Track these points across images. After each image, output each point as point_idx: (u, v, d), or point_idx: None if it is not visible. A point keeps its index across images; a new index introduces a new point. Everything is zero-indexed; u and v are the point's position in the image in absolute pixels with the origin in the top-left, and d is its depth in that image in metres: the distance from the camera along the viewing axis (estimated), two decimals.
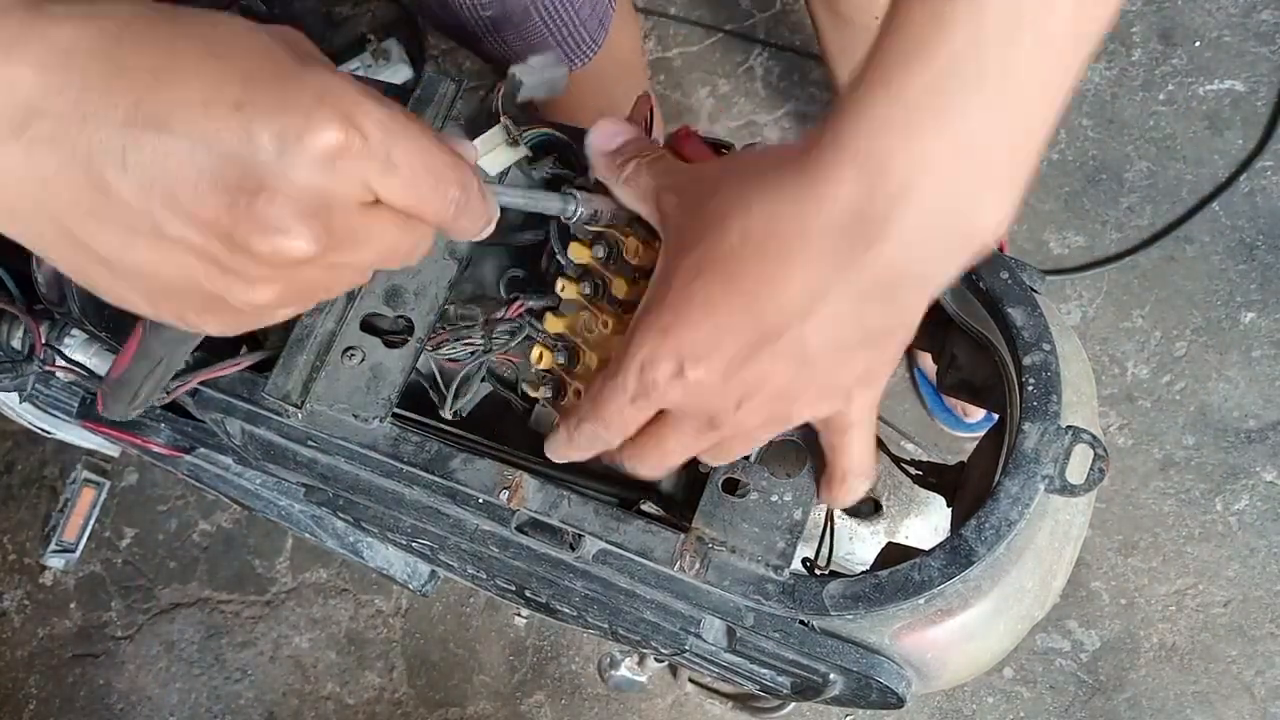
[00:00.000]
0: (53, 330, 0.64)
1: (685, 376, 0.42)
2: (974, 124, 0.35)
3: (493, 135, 0.57)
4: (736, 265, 0.40)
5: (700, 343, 0.42)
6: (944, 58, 0.34)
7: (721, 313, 0.41)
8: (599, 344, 0.54)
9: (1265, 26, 1.45)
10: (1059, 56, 0.35)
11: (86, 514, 1.48)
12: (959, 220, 0.37)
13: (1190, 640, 1.29)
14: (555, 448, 0.51)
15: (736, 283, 0.40)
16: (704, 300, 0.41)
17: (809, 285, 0.39)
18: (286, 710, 1.43)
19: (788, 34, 1.56)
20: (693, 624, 0.57)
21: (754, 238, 0.39)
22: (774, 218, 0.39)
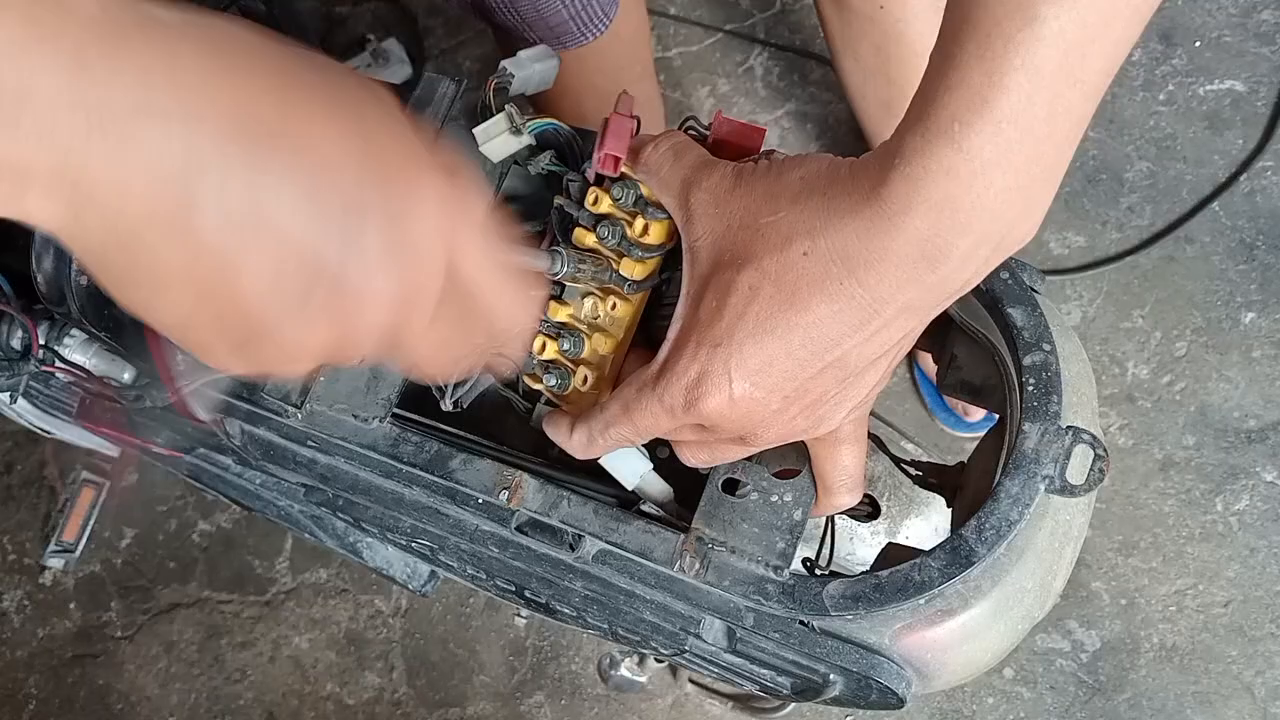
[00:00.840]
0: (52, 330, 0.64)
1: (734, 397, 0.43)
2: (1024, 162, 0.38)
3: (495, 123, 0.56)
4: (797, 284, 0.41)
5: (752, 362, 0.43)
6: (1004, 112, 0.37)
7: (779, 333, 0.42)
8: (608, 325, 0.53)
9: (1265, 26, 1.45)
10: (1095, 94, 0.39)
11: (86, 514, 1.48)
12: (1005, 239, 0.40)
13: (1190, 640, 1.29)
14: (577, 447, 0.51)
15: (797, 302, 0.41)
16: (758, 319, 0.42)
17: (869, 303, 0.41)
18: (286, 710, 1.43)
19: (788, 34, 1.56)
20: (693, 624, 0.57)
21: (820, 263, 0.41)
22: (844, 248, 0.41)
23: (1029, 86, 0.37)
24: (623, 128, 0.51)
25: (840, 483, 0.52)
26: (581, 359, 0.53)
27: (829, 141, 1.51)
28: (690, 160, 0.48)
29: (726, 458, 0.50)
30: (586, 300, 0.53)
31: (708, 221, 0.46)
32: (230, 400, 0.62)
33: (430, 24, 1.65)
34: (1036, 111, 0.37)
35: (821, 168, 0.43)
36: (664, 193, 0.48)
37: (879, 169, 0.40)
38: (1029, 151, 0.38)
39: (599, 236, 0.52)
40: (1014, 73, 0.37)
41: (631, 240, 0.51)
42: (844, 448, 0.51)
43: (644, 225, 0.51)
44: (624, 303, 0.52)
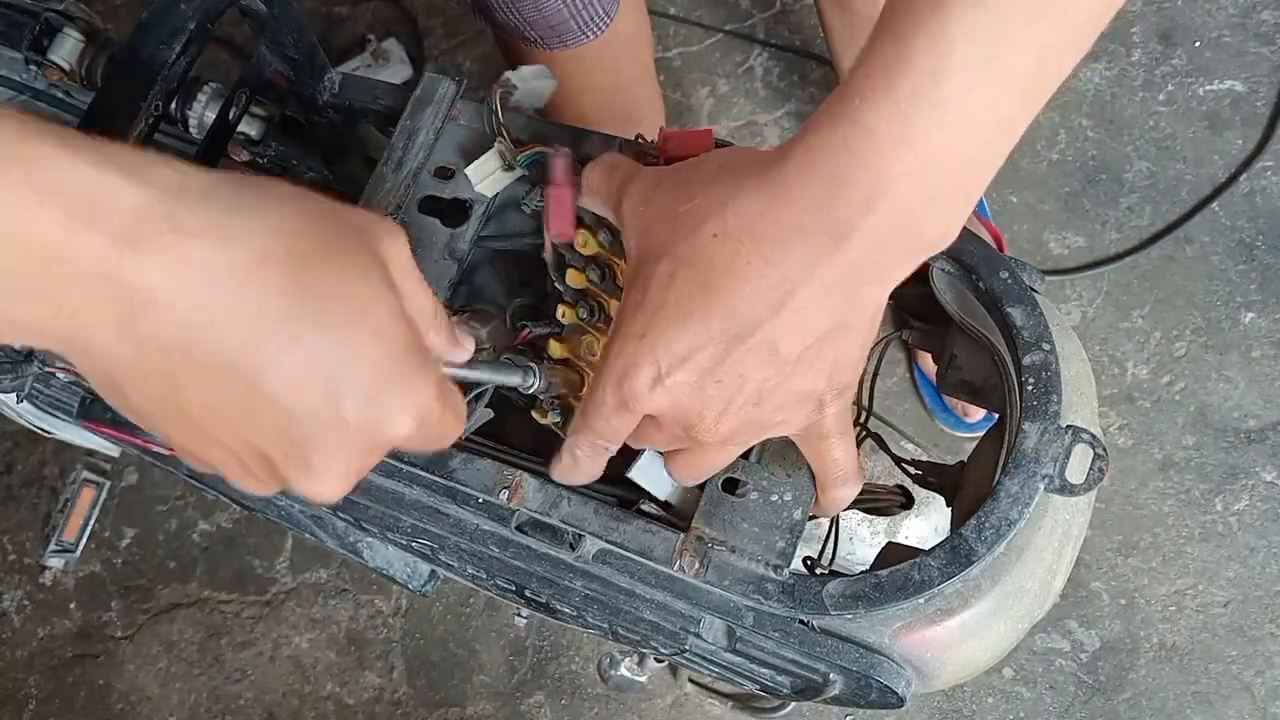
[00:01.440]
0: None
1: (664, 383, 0.43)
2: (929, 150, 0.38)
3: (488, 160, 0.57)
4: (710, 266, 0.42)
5: (677, 348, 0.43)
6: (906, 89, 0.37)
7: (697, 315, 0.42)
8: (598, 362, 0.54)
9: (1265, 26, 1.45)
10: (1018, 95, 0.38)
11: (86, 514, 1.48)
12: (912, 230, 0.40)
13: (1190, 640, 1.29)
14: (563, 473, 0.51)
15: (711, 283, 0.42)
16: (678, 304, 0.42)
17: (780, 281, 0.41)
18: (286, 710, 1.43)
19: (788, 34, 1.56)
20: (692, 624, 0.57)
21: (728, 238, 0.41)
22: (749, 224, 0.41)
23: (931, 72, 0.37)
24: (563, 202, 0.51)
25: (834, 477, 0.52)
26: (580, 396, 0.54)
27: None
28: (622, 172, 0.48)
29: (706, 463, 0.50)
30: (584, 338, 0.54)
31: (635, 222, 0.46)
32: None
33: (430, 24, 1.65)
34: (942, 98, 0.37)
35: (737, 153, 0.44)
36: (604, 209, 0.49)
37: (785, 146, 0.41)
38: (934, 139, 0.38)
39: (589, 279, 0.53)
40: (918, 55, 0.37)
41: (619, 285, 0.52)
42: (831, 441, 0.51)
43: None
44: None
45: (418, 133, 0.60)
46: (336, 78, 0.66)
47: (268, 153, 0.70)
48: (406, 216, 0.59)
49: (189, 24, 0.51)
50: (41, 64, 0.63)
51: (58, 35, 0.63)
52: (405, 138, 0.60)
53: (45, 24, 0.63)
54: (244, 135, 0.68)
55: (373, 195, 0.59)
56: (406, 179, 0.59)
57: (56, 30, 0.63)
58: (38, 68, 0.64)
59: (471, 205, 0.59)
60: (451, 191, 0.60)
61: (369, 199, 0.59)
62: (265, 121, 0.69)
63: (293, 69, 0.65)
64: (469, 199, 0.60)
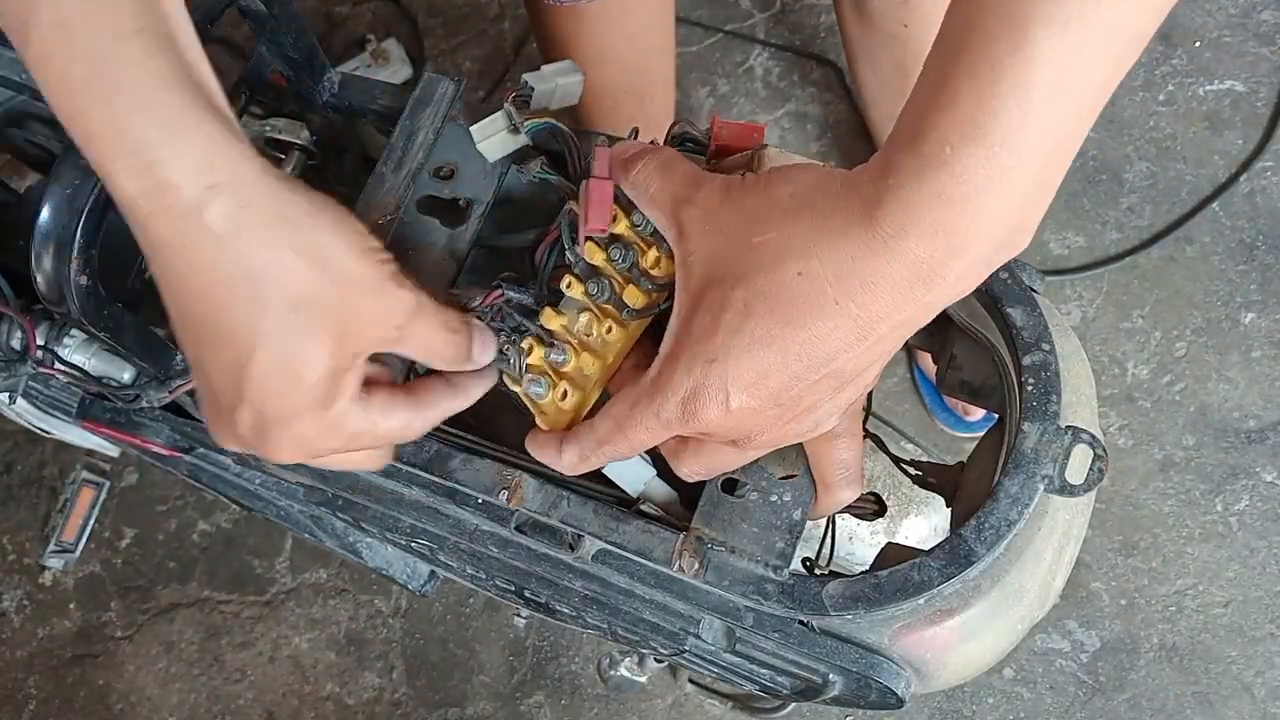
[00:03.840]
0: (52, 331, 0.64)
1: (730, 410, 0.44)
2: (1018, 183, 0.38)
3: (493, 121, 0.56)
4: (792, 303, 0.42)
5: (749, 375, 0.43)
6: (997, 138, 0.37)
7: (775, 348, 0.42)
8: (599, 348, 0.52)
9: (1265, 27, 1.45)
10: (1091, 112, 0.39)
11: (86, 514, 1.48)
12: (997, 255, 0.41)
13: (1190, 641, 1.29)
14: (568, 466, 0.51)
15: (792, 319, 0.42)
16: (753, 334, 0.42)
17: (864, 322, 0.41)
18: (286, 710, 1.43)
19: (788, 34, 1.56)
20: (692, 624, 0.57)
21: (813, 279, 0.41)
22: (839, 267, 0.41)
23: (1020, 111, 0.37)
24: (603, 196, 0.50)
25: (839, 477, 0.52)
26: (565, 373, 0.52)
27: (829, 141, 1.51)
28: (679, 176, 0.47)
29: (721, 466, 0.50)
30: (582, 315, 0.51)
31: (699, 238, 0.46)
32: None
33: (430, 24, 1.65)
34: (1030, 134, 0.37)
35: (812, 182, 0.43)
36: (653, 209, 0.48)
37: (872, 188, 0.40)
38: (1023, 173, 0.38)
39: (609, 257, 0.51)
40: (1004, 97, 0.37)
41: (642, 269, 0.50)
42: (840, 442, 0.51)
43: (657, 257, 0.50)
44: (619, 328, 0.51)
45: (417, 133, 0.60)
46: (336, 78, 0.66)
47: (267, 151, 0.70)
48: (406, 216, 0.59)
49: None
50: None
51: None
52: (405, 138, 0.60)
53: None
54: None
55: (372, 195, 0.59)
56: (406, 179, 0.59)
57: None
58: None
59: (471, 205, 0.59)
60: (451, 191, 0.60)
61: (368, 199, 0.59)
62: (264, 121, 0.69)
63: (292, 69, 0.65)
64: (469, 199, 0.60)
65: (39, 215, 0.51)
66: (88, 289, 0.53)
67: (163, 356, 0.62)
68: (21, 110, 0.74)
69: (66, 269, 0.52)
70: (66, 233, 0.51)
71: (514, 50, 1.60)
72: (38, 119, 0.75)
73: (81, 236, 0.51)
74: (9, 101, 0.73)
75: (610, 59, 1.03)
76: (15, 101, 0.74)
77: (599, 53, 1.02)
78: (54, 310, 0.55)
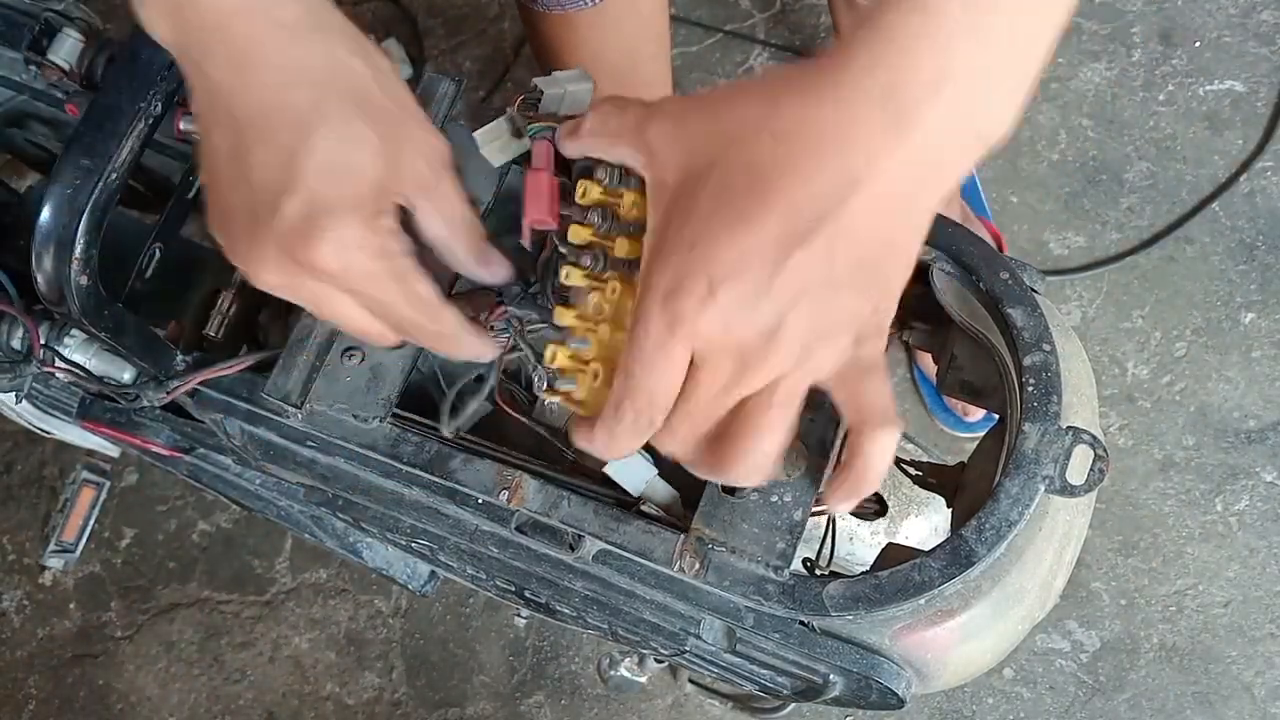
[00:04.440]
0: (52, 330, 0.64)
1: (716, 298, 0.40)
2: (995, 36, 0.38)
3: (496, 126, 0.56)
4: (767, 167, 0.40)
5: (730, 254, 0.40)
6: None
7: (754, 218, 0.40)
8: (613, 315, 0.50)
9: (1265, 27, 1.45)
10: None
11: (86, 514, 1.48)
12: (975, 122, 0.39)
13: (1190, 641, 1.29)
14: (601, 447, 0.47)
15: (769, 184, 0.40)
16: (731, 208, 0.40)
17: (842, 176, 0.39)
18: (286, 710, 1.43)
19: (788, 34, 1.56)
20: (692, 624, 0.57)
21: (786, 137, 0.40)
22: (810, 121, 0.39)
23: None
24: (539, 186, 0.50)
25: (877, 417, 0.47)
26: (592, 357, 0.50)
27: None
28: (634, 104, 0.46)
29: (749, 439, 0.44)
30: (591, 297, 0.50)
31: (670, 147, 0.44)
32: (230, 400, 0.62)
33: (430, 24, 1.65)
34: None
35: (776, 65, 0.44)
36: (616, 144, 0.47)
37: (839, 47, 0.40)
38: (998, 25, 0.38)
39: (592, 225, 0.50)
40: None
41: (624, 219, 0.49)
42: (874, 377, 0.46)
43: (634, 199, 0.49)
44: (625, 285, 0.50)
45: None
46: None
47: None
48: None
49: None
50: (41, 64, 0.63)
51: (57, 35, 0.63)
52: None
53: (45, 24, 0.63)
54: None
55: None
56: None
57: (56, 30, 0.63)
58: (37, 68, 0.64)
59: (473, 205, 0.59)
60: None
61: None
62: None
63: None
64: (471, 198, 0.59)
65: (39, 215, 0.51)
66: (88, 289, 0.53)
67: (163, 356, 0.62)
68: (21, 110, 0.74)
69: (67, 269, 0.52)
70: (67, 233, 0.51)
71: (514, 50, 1.60)
72: (38, 119, 0.75)
73: (82, 236, 0.51)
74: (9, 101, 0.73)
75: (605, 65, 1.03)
76: (15, 101, 0.74)
77: (593, 59, 1.01)
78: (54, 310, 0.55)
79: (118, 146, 0.51)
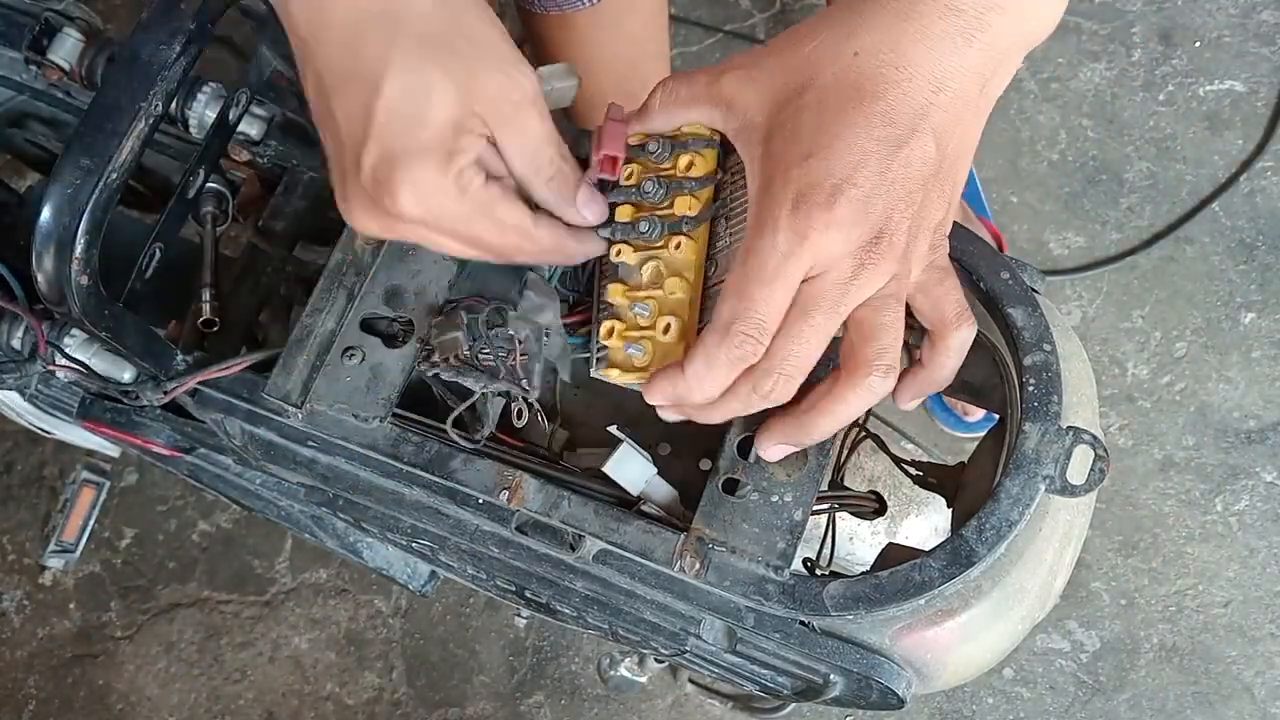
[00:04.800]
0: (52, 330, 0.64)
1: (838, 202, 0.43)
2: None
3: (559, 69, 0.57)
4: (860, 80, 0.44)
5: (846, 158, 0.44)
6: None
7: (859, 125, 0.44)
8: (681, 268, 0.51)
9: (1265, 27, 1.45)
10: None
11: (86, 514, 1.48)
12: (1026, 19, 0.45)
13: (1190, 641, 1.29)
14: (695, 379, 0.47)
15: (865, 93, 0.44)
16: (837, 120, 0.44)
17: (927, 79, 0.44)
18: (286, 710, 1.43)
19: None
20: (693, 624, 0.57)
21: (870, 53, 0.44)
22: (889, 35, 0.44)
23: None
24: (617, 130, 0.52)
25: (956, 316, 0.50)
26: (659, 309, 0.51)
27: None
28: (698, 72, 0.50)
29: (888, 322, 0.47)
30: (646, 267, 0.52)
31: (749, 90, 0.47)
32: (230, 400, 0.62)
33: None
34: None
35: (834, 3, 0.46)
36: (690, 109, 0.50)
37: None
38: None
39: (643, 194, 0.52)
40: None
41: (679, 178, 0.52)
42: (950, 279, 0.50)
43: (689, 160, 0.52)
44: (688, 241, 0.52)
45: None
46: None
47: (268, 153, 0.70)
48: None
49: (189, 24, 0.51)
50: (41, 64, 0.63)
51: (57, 35, 0.63)
52: None
53: (45, 24, 0.63)
54: (244, 135, 0.68)
55: None
56: None
57: (56, 30, 0.63)
58: (37, 68, 0.64)
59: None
60: None
61: None
62: (265, 121, 0.69)
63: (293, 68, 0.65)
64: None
65: (39, 215, 0.51)
66: (88, 289, 0.53)
67: (163, 356, 0.62)
68: (21, 110, 0.74)
69: (67, 269, 0.52)
70: (67, 233, 0.51)
71: None
72: (38, 119, 0.75)
73: (82, 236, 0.51)
74: (9, 101, 0.74)
75: (604, 66, 1.03)
76: (15, 101, 0.74)
77: (592, 60, 1.02)
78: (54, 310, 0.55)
79: (118, 146, 0.51)
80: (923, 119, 0.44)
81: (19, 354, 0.67)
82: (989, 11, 0.43)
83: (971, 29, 0.44)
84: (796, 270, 0.45)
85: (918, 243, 0.46)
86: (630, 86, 1.07)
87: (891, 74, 0.44)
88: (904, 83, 0.44)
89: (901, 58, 0.44)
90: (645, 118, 0.52)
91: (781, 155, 0.45)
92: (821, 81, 0.45)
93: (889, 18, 0.44)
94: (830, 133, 0.44)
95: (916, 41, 0.44)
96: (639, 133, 0.53)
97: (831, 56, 0.45)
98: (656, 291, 0.52)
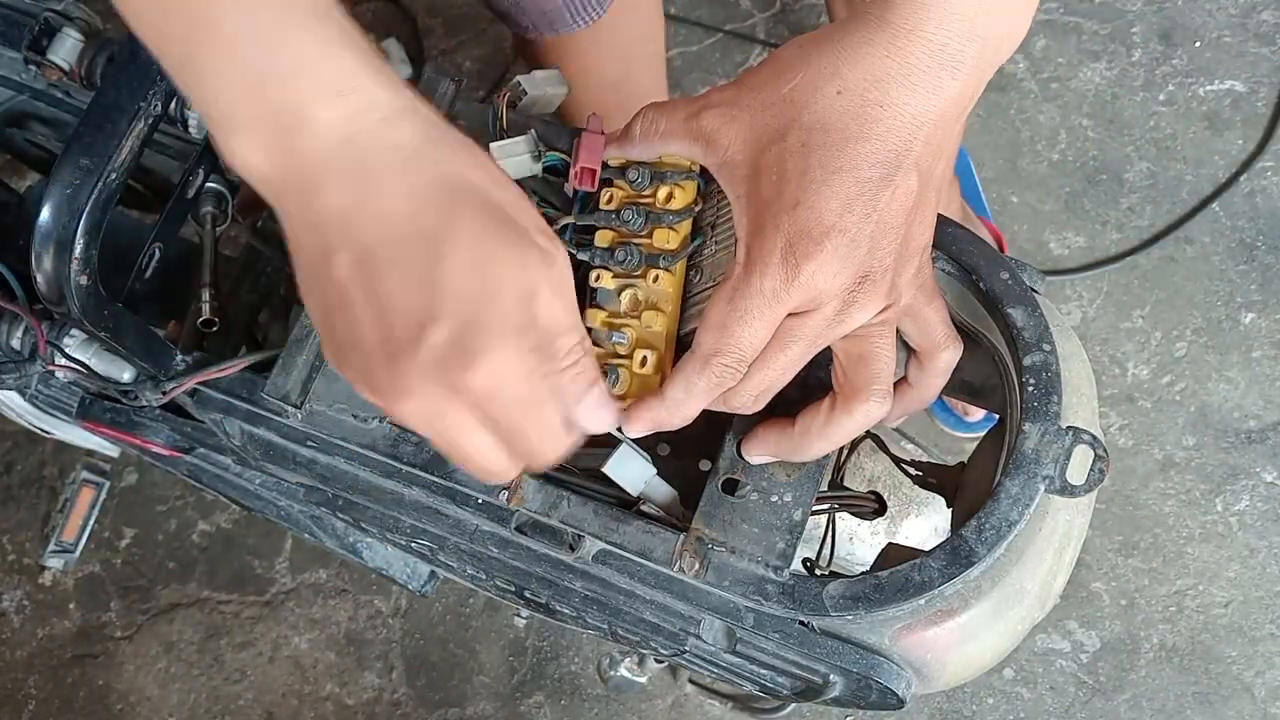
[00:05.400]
0: (52, 330, 0.64)
1: (825, 247, 0.44)
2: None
3: (517, 144, 0.57)
4: (844, 121, 0.44)
5: (835, 205, 0.44)
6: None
7: (845, 168, 0.44)
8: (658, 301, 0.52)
9: (1265, 27, 1.45)
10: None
11: (86, 514, 1.48)
12: (998, 51, 0.45)
13: (1190, 641, 1.29)
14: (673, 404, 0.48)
15: (849, 135, 0.44)
16: (822, 165, 0.44)
17: (912, 117, 0.44)
18: (286, 711, 1.43)
19: (787, 34, 1.56)
20: (692, 624, 0.57)
21: (852, 91, 0.44)
22: (873, 73, 0.44)
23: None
24: (595, 142, 0.52)
25: (942, 338, 0.52)
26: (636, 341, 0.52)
27: None
28: (679, 103, 0.49)
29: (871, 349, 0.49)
30: (624, 294, 0.53)
31: (730, 128, 0.47)
32: (230, 400, 0.62)
33: (430, 24, 1.65)
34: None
35: (816, 32, 0.46)
36: (668, 141, 0.50)
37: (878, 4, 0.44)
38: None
39: (623, 221, 0.52)
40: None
41: (659, 210, 0.52)
42: (936, 301, 0.52)
43: (668, 192, 0.52)
44: (666, 274, 0.52)
45: None
46: None
47: None
48: None
49: None
50: (41, 64, 0.63)
51: (57, 35, 0.63)
52: None
53: (45, 24, 0.63)
54: None
55: None
56: None
57: (56, 30, 0.63)
58: (37, 68, 0.64)
59: None
60: None
61: None
62: None
63: None
64: None
65: (39, 215, 0.51)
66: (88, 289, 0.53)
67: (163, 356, 0.62)
68: (21, 110, 0.74)
69: (67, 269, 0.52)
70: (66, 233, 0.51)
71: (514, 50, 1.60)
72: (37, 119, 0.75)
73: (81, 236, 0.51)
74: (9, 101, 0.74)
75: (599, 77, 1.03)
76: (15, 101, 0.74)
77: (587, 71, 1.02)
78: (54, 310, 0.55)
79: (118, 146, 0.51)
80: (906, 155, 0.44)
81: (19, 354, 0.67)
82: (970, 43, 0.43)
83: (954, 62, 0.44)
84: (782, 311, 0.46)
85: (905, 271, 0.48)
86: (625, 95, 1.07)
87: (875, 113, 0.44)
88: (888, 120, 0.44)
89: (885, 96, 0.44)
90: (625, 145, 0.52)
91: (770, 201, 0.45)
92: (805, 122, 0.45)
93: (873, 54, 0.44)
94: (817, 179, 0.44)
95: (901, 80, 0.43)
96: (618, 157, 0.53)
97: (813, 95, 0.45)
98: (634, 321, 0.52)
